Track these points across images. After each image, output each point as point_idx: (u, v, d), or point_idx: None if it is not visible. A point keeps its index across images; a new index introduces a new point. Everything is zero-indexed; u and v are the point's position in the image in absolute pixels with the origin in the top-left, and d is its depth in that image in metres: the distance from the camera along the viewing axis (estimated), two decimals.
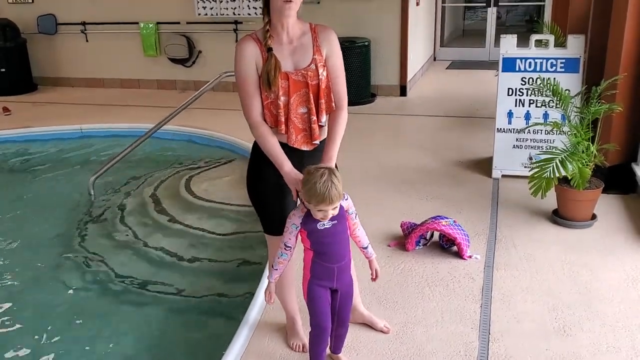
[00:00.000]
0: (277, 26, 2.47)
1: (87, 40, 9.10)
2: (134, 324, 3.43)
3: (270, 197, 2.62)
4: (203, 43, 8.65)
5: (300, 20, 2.52)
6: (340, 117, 2.56)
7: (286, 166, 2.46)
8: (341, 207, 2.37)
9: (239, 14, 8.25)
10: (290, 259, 2.50)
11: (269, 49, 2.45)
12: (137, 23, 8.71)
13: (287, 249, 2.44)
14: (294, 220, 2.38)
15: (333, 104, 2.55)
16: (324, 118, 2.55)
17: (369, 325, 2.94)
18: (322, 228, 2.34)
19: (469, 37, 12.87)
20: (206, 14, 8.37)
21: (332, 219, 2.33)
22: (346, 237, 2.45)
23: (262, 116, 2.51)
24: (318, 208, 2.28)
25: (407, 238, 3.75)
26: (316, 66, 2.48)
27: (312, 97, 2.49)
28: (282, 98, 2.46)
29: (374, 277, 2.64)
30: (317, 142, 2.56)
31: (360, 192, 3.31)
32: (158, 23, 8.66)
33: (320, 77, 2.49)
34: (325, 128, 2.60)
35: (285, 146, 2.51)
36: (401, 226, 3.87)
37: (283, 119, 2.48)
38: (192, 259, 4.09)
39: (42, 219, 4.86)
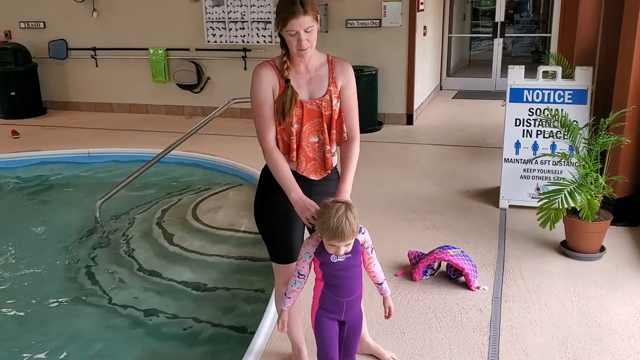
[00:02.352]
0: (295, 58, 2.46)
1: (97, 65, 9.20)
2: (136, 351, 3.40)
3: (278, 225, 2.61)
4: (212, 69, 8.73)
5: (317, 52, 2.51)
6: (354, 147, 2.57)
7: (295, 193, 2.44)
8: (357, 240, 2.33)
9: (248, 42, 8.34)
10: (304, 287, 2.46)
11: (287, 81, 2.45)
12: (146, 49, 8.82)
13: (300, 277, 2.40)
14: (308, 249, 2.35)
15: (344, 135, 2.56)
16: (333, 149, 2.57)
17: (376, 357, 2.90)
18: (335, 261, 2.30)
19: (475, 68, 12.94)
20: (215, 41, 8.47)
21: (346, 252, 2.29)
22: (359, 271, 2.40)
23: (276, 141, 2.51)
24: (330, 243, 2.25)
25: (414, 268, 3.72)
26: (330, 97, 2.49)
27: (325, 127, 2.50)
28: (295, 125, 2.47)
29: (387, 315, 2.57)
30: (329, 171, 2.57)
31: (367, 220, 3.29)
32: (167, 49, 8.75)
33: (333, 107, 2.50)
34: (335, 158, 2.60)
35: (294, 174, 2.50)
36: (408, 255, 3.85)
37: (295, 146, 2.48)
38: (198, 286, 4.06)
39: (48, 243, 4.85)
